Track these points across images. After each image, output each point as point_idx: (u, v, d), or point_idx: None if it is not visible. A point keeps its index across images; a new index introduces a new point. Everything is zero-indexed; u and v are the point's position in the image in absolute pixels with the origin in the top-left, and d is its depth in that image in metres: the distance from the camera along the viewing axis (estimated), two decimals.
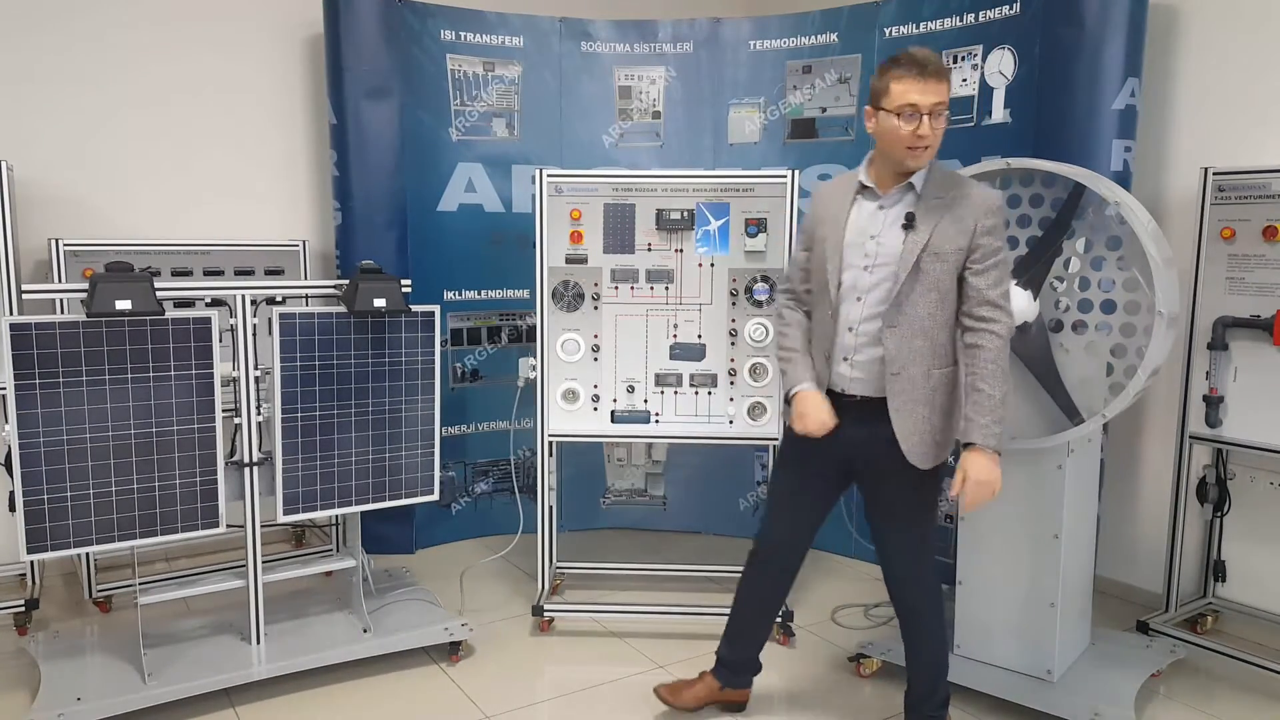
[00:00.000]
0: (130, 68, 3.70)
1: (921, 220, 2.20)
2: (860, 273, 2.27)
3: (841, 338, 2.31)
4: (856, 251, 2.28)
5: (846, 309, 2.30)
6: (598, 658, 3.11)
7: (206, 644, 2.90)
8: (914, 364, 2.23)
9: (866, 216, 2.29)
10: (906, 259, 2.20)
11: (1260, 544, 3.22)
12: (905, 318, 2.22)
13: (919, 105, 2.14)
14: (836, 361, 2.33)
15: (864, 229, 2.29)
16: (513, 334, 4.18)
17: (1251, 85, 3.18)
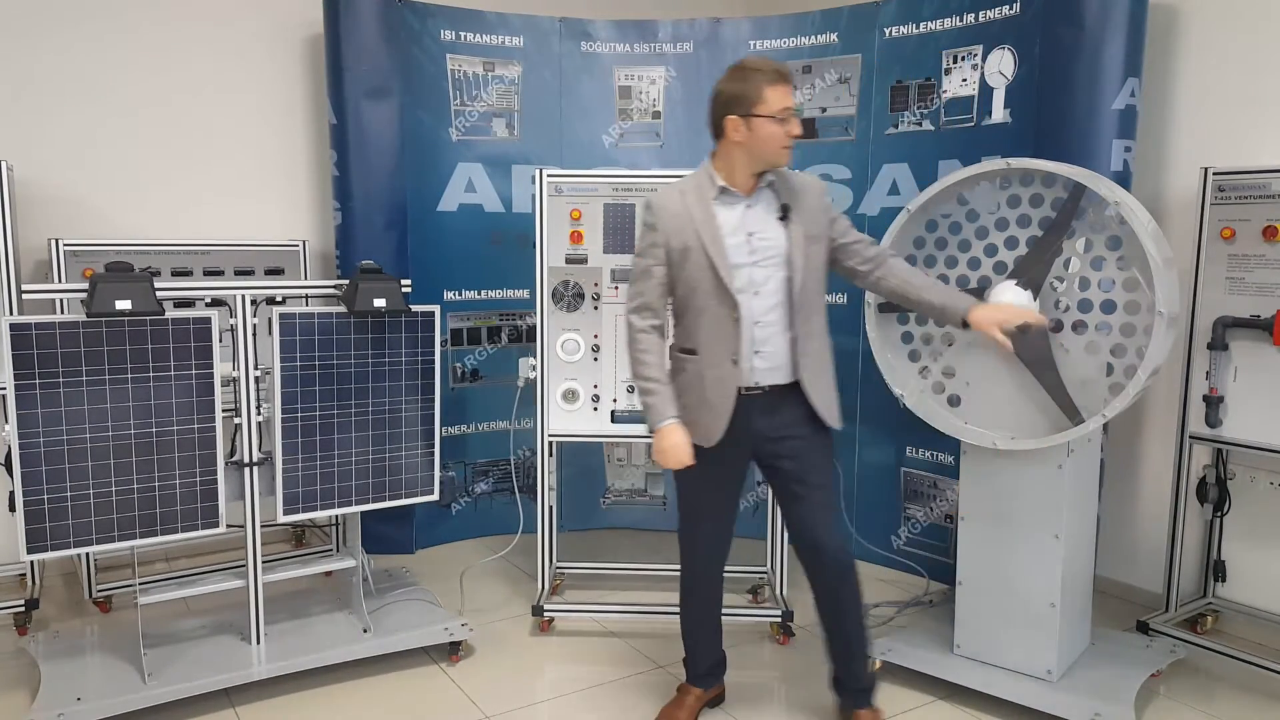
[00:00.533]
0: (130, 68, 3.70)
1: (795, 211, 2.39)
2: (751, 269, 2.37)
3: (748, 334, 2.38)
4: (740, 250, 2.37)
5: (747, 305, 2.37)
6: (598, 658, 3.11)
7: (206, 644, 2.90)
8: (815, 339, 2.43)
9: (737, 217, 2.39)
10: (796, 246, 2.37)
11: (1260, 544, 3.22)
12: (805, 299, 2.39)
13: (791, 107, 2.32)
14: (747, 358, 2.39)
15: (739, 228, 2.38)
16: (513, 334, 4.18)
17: (1251, 85, 3.18)
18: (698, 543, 2.59)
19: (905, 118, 3.72)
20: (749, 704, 2.78)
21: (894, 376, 2.88)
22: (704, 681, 2.72)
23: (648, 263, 2.39)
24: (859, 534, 3.87)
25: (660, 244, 2.38)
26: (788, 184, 2.42)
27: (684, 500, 2.58)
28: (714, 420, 2.38)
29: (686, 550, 2.60)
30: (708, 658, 2.71)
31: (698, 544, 2.59)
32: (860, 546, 3.92)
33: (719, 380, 2.37)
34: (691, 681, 2.73)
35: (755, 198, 2.40)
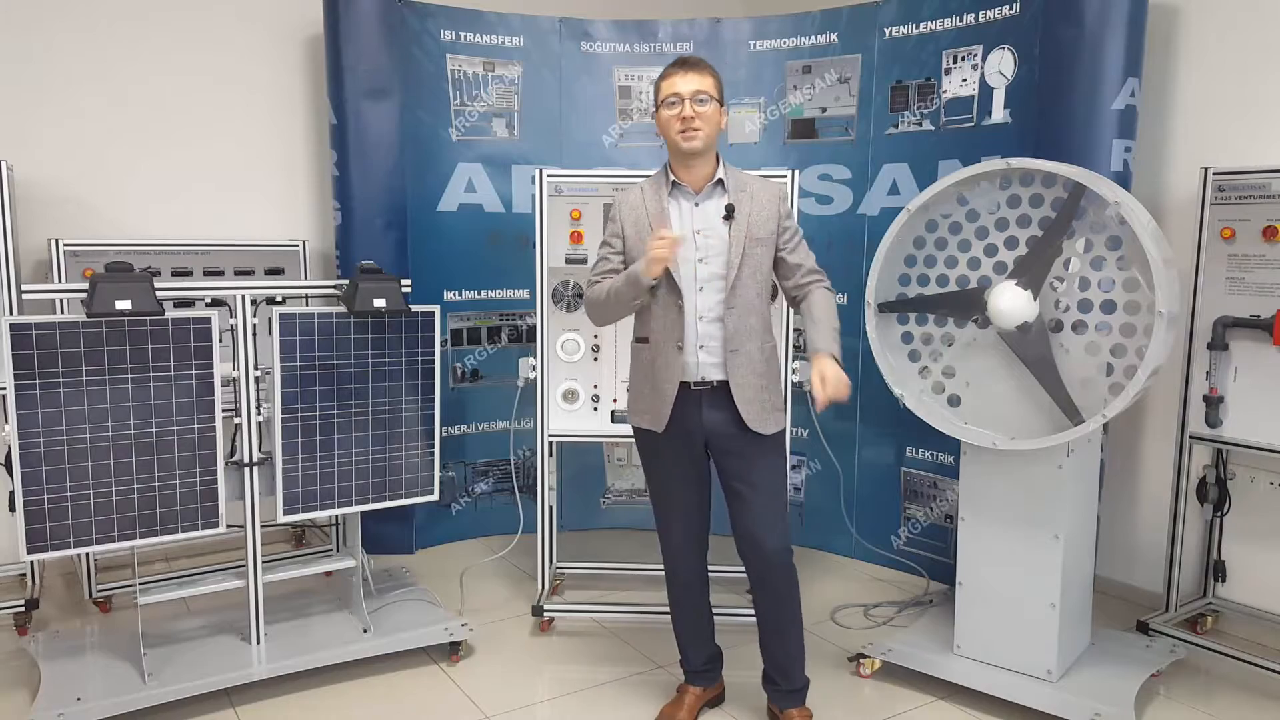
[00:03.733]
0: (130, 68, 3.70)
1: (740, 210, 2.42)
2: (698, 265, 2.43)
3: (692, 328, 2.43)
4: (688, 246, 2.43)
5: (691, 300, 2.42)
6: (598, 658, 3.11)
7: (206, 644, 2.90)
8: (749, 340, 2.43)
9: (687, 213, 2.46)
10: (736, 245, 2.40)
11: (1260, 544, 3.22)
12: (739, 299, 2.42)
13: (680, 93, 2.36)
14: (691, 352, 2.43)
15: (687, 224, 2.45)
16: (513, 334, 4.18)
17: (1251, 85, 3.18)
18: (671, 536, 2.62)
19: (905, 118, 3.72)
20: (748, 704, 2.78)
21: (894, 376, 2.88)
22: (700, 679, 2.73)
23: (605, 251, 2.53)
24: (859, 534, 3.88)
25: (619, 234, 2.50)
26: (742, 184, 2.45)
27: (653, 497, 2.64)
28: (662, 406, 2.46)
29: (663, 546, 2.64)
30: (700, 654, 2.72)
31: (671, 537, 2.62)
32: (860, 546, 3.92)
33: (666, 367, 2.45)
34: (689, 680, 2.74)
35: (705, 195, 2.45)
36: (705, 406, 2.45)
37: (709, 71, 2.41)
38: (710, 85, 2.39)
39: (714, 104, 2.39)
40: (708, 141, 2.39)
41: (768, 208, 2.44)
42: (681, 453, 2.52)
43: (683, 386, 2.45)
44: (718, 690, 2.79)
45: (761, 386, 2.45)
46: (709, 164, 2.44)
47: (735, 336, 2.42)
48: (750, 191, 2.44)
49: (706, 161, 2.44)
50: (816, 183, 3.92)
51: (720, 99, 2.41)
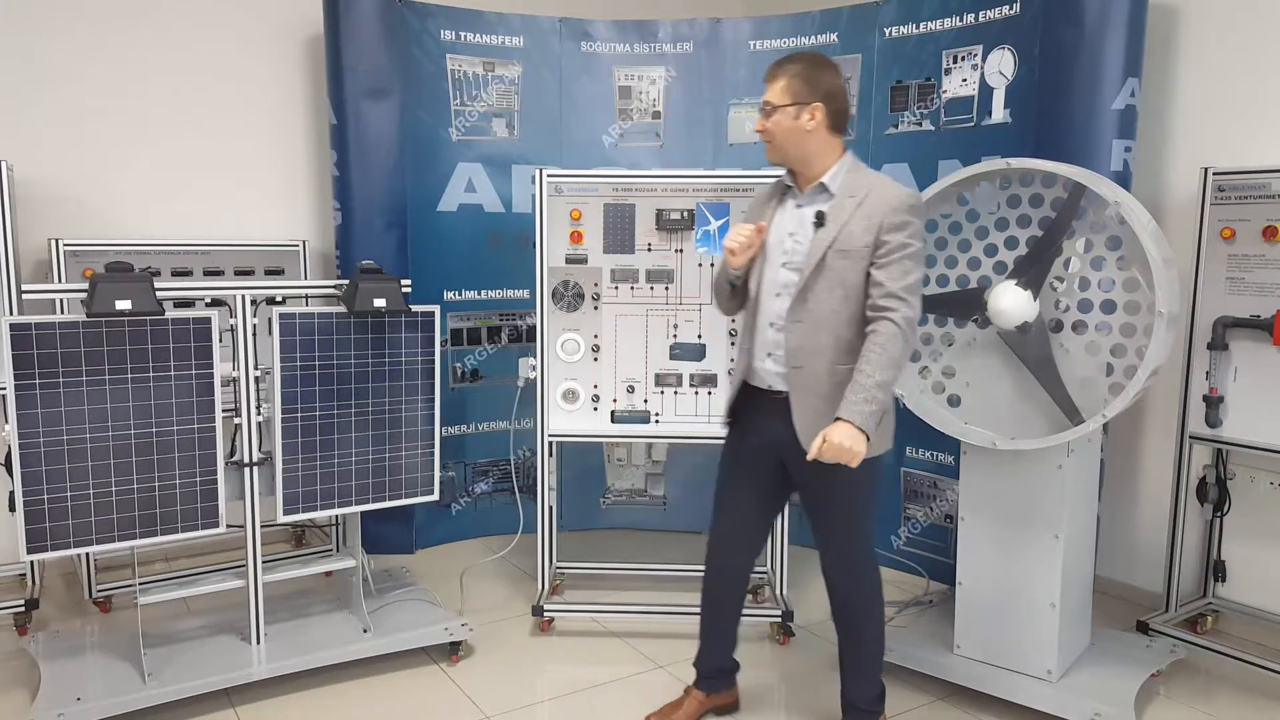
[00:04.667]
0: (131, 67, 3.70)
1: (832, 218, 2.26)
2: (780, 269, 2.34)
3: (763, 333, 2.37)
4: (777, 249, 2.36)
5: (767, 304, 2.36)
6: (598, 658, 3.11)
7: (206, 644, 2.90)
8: (816, 358, 2.27)
9: (788, 215, 2.38)
10: (812, 255, 2.26)
11: (1260, 544, 3.22)
12: (810, 313, 2.27)
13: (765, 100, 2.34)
14: (760, 357, 2.38)
15: (784, 227, 2.37)
16: (513, 334, 4.18)
17: (1251, 85, 3.18)
18: (714, 527, 2.58)
19: (905, 118, 3.72)
20: (748, 704, 2.78)
21: None
22: (706, 684, 2.69)
23: None
24: None
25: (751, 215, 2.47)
26: (854, 190, 2.27)
27: (715, 495, 2.59)
28: (731, 398, 2.47)
29: (708, 541, 2.60)
30: (711, 658, 2.68)
31: (714, 528, 2.58)
32: None
33: (739, 364, 2.46)
34: (695, 682, 2.71)
35: (808, 198, 2.34)
36: (773, 415, 2.34)
37: (778, 76, 2.31)
38: (775, 92, 2.31)
39: (781, 111, 2.29)
40: (781, 152, 2.33)
41: (872, 218, 2.22)
42: (746, 453, 2.47)
43: (755, 390, 2.39)
44: (726, 701, 2.73)
45: (823, 411, 2.23)
46: (813, 167, 2.31)
47: (799, 352, 2.28)
48: (861, 199, 2.25)
49: (808, 164, 2.31)
50: None
51: (793, 102, 2.28)
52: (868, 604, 2.46)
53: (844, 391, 2.21)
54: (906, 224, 2.22)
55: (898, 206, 2.22)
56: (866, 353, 2.18)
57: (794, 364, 2.30)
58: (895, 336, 2.17)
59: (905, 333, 2.18)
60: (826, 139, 2.30)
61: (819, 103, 2.27)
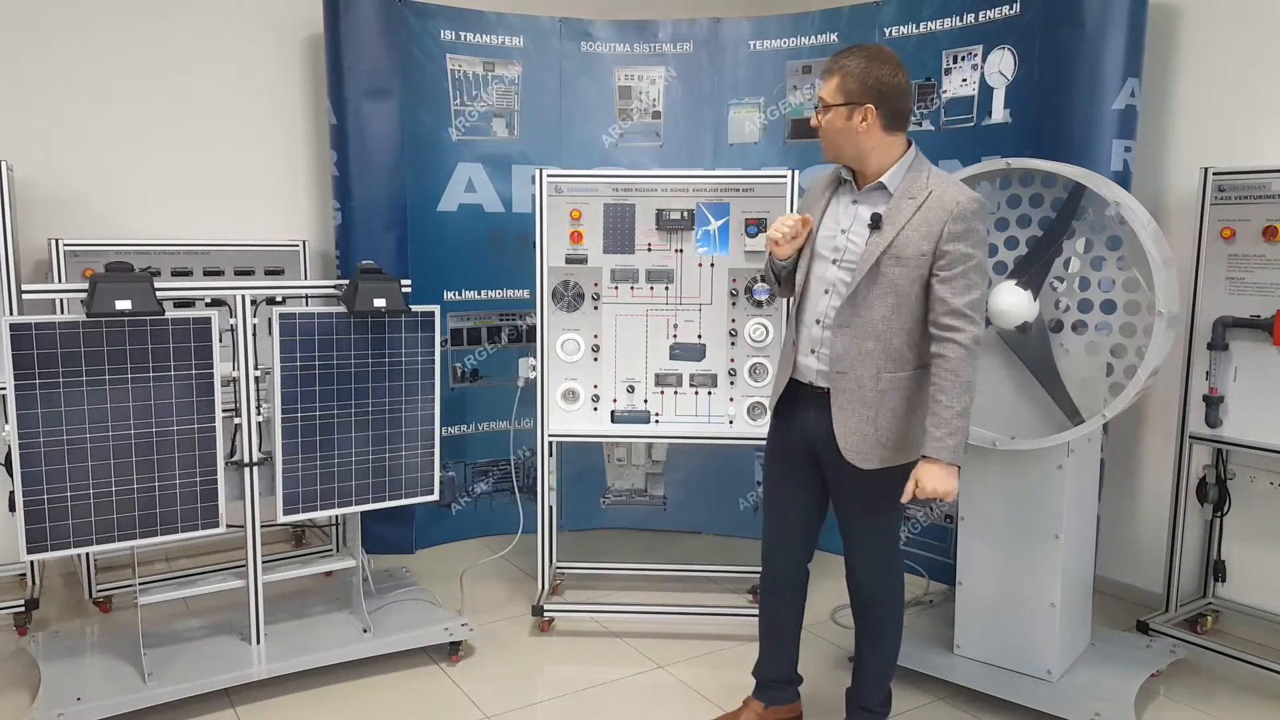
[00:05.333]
0: (131, 68, 3.70)
1: (889, 221, 2.17)
2: (829, 265, 2.27)
3: (808, 329, 2.31)
4: (827, 244, 2.29)
5: (814, 300, 2.30)
6: (598, 658, 3.11)
7: (206, 644, 2.90)
8: (862, 366, 2.21)
9: (842, 210, 2.29)
10: (866, 260, 2.18)
11: (1260, 544, 3.22)
12: (859, 319, 2.20)
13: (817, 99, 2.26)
14: (804, 353, 2.32)
15: (838, 221, 2.28)
16: (513, 334, 4.18)
17: (1251, 85, 3.18)
18: (766, 532, 2.53)
19: None
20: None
21: None
22: (765, 694, 2.61)
23: None
24: None
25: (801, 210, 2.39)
26: (914, 191, 2.18)
27: (763, 499, 2.56)
28: (775, 394, 2.43)
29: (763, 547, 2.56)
30: (770, 667, 2.60)
31: (766, 533, 2.53)
32: None
33: (785, 358, 2.41)
34: (754, 692, 2.63)
35: (865, 195, 2.24)
36: (813, 411, 2.30)
37: (833, 72, 2.19)
38: (829, 90, 2.19)
39: (835, 110, 2.18)
40: (835, 150, 2.23)
41: (931, 224, 2.12)
42: (789, 451, 2.41)
43: (799, 385, 2.35)
44: (787, 715, 2.63)
45: (869, 419, 2.20)
46: (870, 165, 2.21)
47: (844, 358, 2.21)
48: (921, 201, 2.15)
49: (865, 163, 2.22)
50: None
51: (846, 102, 2.16)
52: (890, 606, 2.44)
53: (888, 400, 2.20)
54: (969, 232, 2.12)
55: (959, 214, 2.11)
56: (939, 380, 2.13)
57: (838, 369, 2.23)
58: (965, 360, 2.11)
59: (972, 352, 2.12)
60: (882, 139, 2.18)
61: (871, 104, 2.15)
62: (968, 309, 2.12)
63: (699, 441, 3.42)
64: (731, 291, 3.23)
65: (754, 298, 3.21)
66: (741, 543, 4.10)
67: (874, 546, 2.38)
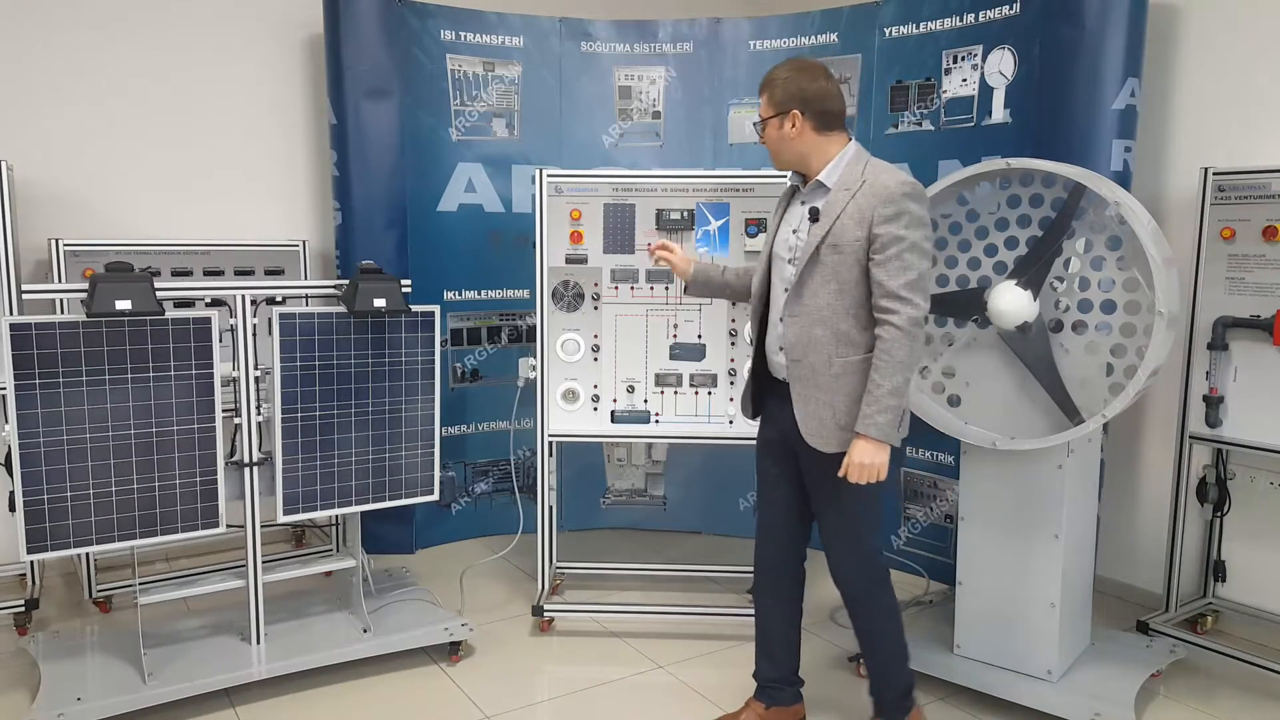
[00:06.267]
0: (131, 68, 3.70)
1: (825, 213, 2.27)
2: (785, 264, 2.38)
3: (774, 328, 2.40)
4: (783, 245, 2.39)
5: (777, 299, 2.40)
6: (598, 658, 3.11)
7: (206, 644, 2.90)
8: (814, 352, 2.29)
9: (795, 212, 2.40)
10: (805, 250, 2.29)
11: (1260, 544, 3.22)
12: (804, 307, 2.29)
13: None
14: (773, 350, 2.41)
15: (790, 224, 2.40)
16: (513, 334, 4.18)
17: (1251, 85, 3.18)
18: (757, 537, 2.57)
19: (905, 118, 3.72)
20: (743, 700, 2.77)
21: None
22: (765, 695, 2.61)
23: None
24: None
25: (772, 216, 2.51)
26: (849, 184, 2.26)
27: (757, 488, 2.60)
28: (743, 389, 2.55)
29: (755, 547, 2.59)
30: (768, 668, 2.61)
31: (756, 538, 2.57)
32: None
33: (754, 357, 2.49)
34: (755, 693, 2.64)
35: (808, 194, 2.36)
36: (786, 405, 2.35)
37: (762, 89, 2.36)
38: (763, 105, 2.36)
39: (769, 122, 2.34)
40: (779, 159, 2.38)
41: (864, 210, 2.21)
42: (771, 447, 2.48)
43: (775, 381, 2.42)
44: (791, 715, 2.63)
45: (826, 403, 2.28)
46: (810, 166, 2.33)
47: (796, 346, 2.30)
48: (855, 190, 2.24)
49: (806, 164, 2.34)
50: None
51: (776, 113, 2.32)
52: (877, 600, 2.44)
53: (843, 384, 2.26)
54: (900, 214, 2.18)
55: (888, 197, 2.18)
56: (875, 359, 2.20)
57: (793, 357, 2.32)
58: (899, 340, 2.17)
59: (909, 333, 2.17)
60: (816, 140, 2.31)
61: (796, 109, 2.29)
62: (903, 290, 2.17)
63: (699, 441, 3.42)
64: None
65: None
66: (741, 543, 4.09)
67: (846, 534, 2.41)
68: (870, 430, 2.19)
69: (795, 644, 2.61)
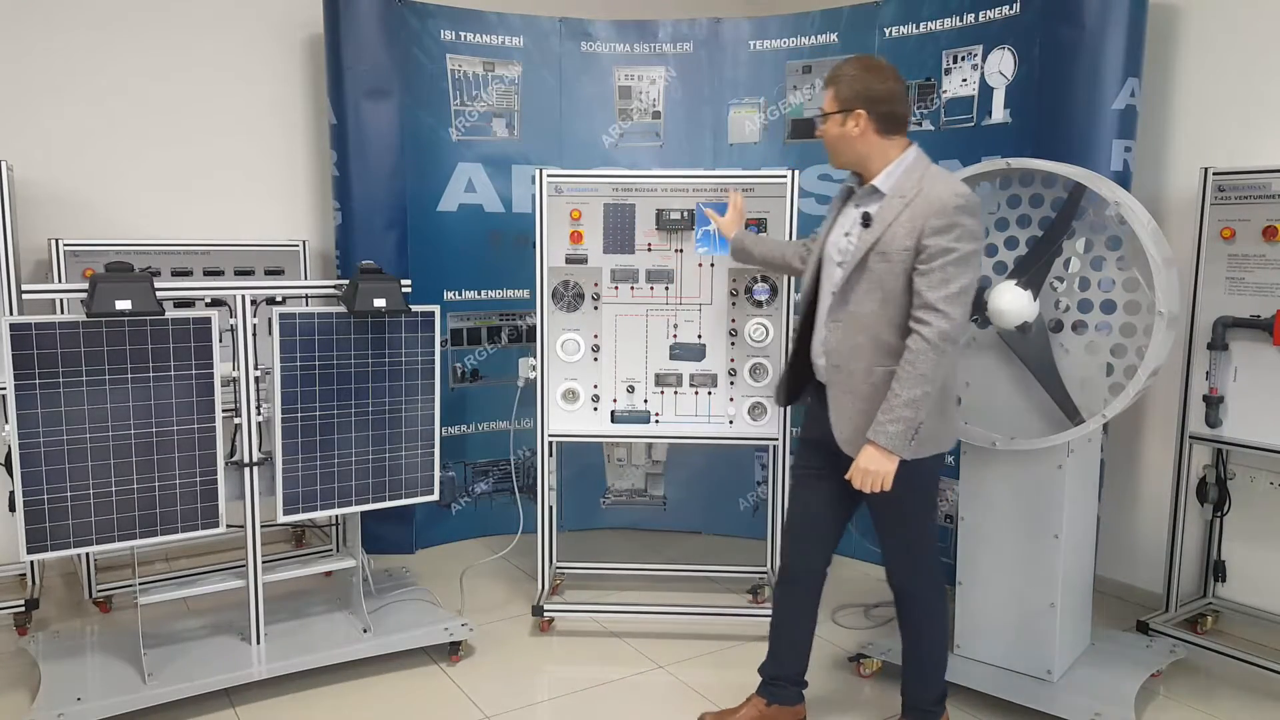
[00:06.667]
0: (131, 68, 3.70)
1: (878, 219, 2.24)
2: (835, 268, 2.36)
3: (820, 330, 2.39)
4: (834, 248, 2.38)
5: (823, 302, 2.38)
6: (598, 658, 3.11)
7: (206, 644, 2.90)
8: (854, 360, 2.27)
9: (848, 213, 2.39)
10: (854, 256, 2.26)
11: (1260, 544, 3.22)
12: (849, 313, 2.28)
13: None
14: (817, 353, 2.40)
15: (843, 227, 2.38)
16: (513, 334, 4.18)
17: (1251, 85, 3.18)
18: (785, 529, 2.58)
19: None
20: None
21: None
22: (768, 691, 2.61)
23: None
24: (859, 534, 3.87)
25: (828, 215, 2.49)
26: (907, 190, 2.22)
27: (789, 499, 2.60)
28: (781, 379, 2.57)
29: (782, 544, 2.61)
30: (776, 664, 2.62)
31: (785, 530, 2.58)
32: (861, 546, 3.92)
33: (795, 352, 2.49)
34: (758, 689, 2.64)
35: (862, 198, 2.33)
36: (827, 408, 2.34)
37: (829, 83, 2.33)
38: (826, 100, 2.33)
39: (831, 118, 2.31)
40: (836, 156, 2.36)
41: (915, 220, 2.17)
42: (811, 447, 2.47)
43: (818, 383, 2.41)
44: (796, 715, 2.64)
45: (862, 411, 2.25)
46: (869, 169, 2.30)
47: (837, 352, 2.29)
48: (910, 199, 2.20)
49: (864, 166, 2.31)
50: (816, 183, 3.92)
51: (839, 109, 2.29)
52: (930, 604, 2.45)
53: (882, 393, 2.22)
54: (951, 226, 2.14)
55: (941, 208, 2.15)
56: (898, 369, 2.18)
57: (833, 363, 2.31)
58: (924, 352, 2.14)
59: (937, 346, 2.13)
60: (877, 142, 2.27)
61: (861, 109, 2.25)
62: (940, 303, 2.14)
63: (699, 441, 3.42)
64: (731, 291, 3.23)
65: (754, 298, 3.21)
66: (741, 543, 4.10)
67: (899, 537, 2.43)
68: (879, 438, 2.18)
69: (805, 644, 2.61)
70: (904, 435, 2.17)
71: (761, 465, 4.13)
